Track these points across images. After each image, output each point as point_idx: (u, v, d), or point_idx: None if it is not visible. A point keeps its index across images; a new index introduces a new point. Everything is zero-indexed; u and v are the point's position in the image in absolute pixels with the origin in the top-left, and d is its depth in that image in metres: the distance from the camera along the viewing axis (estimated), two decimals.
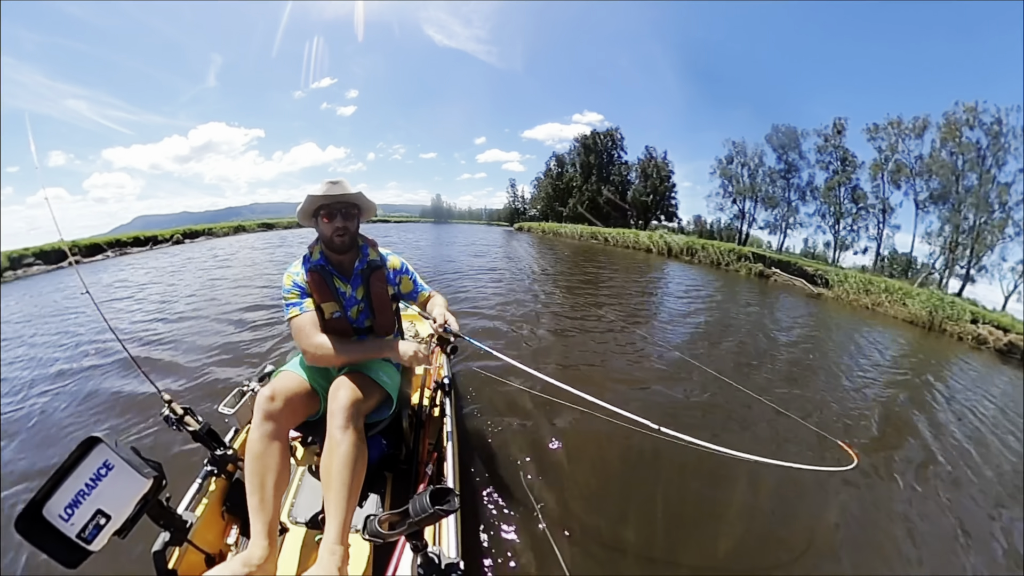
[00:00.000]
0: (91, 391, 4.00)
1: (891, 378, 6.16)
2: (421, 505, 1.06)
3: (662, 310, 9.18)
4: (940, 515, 3.01)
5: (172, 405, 1.59)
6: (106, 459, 1.16)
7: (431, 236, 28.07)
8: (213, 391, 3.81)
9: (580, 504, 2.62)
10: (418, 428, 2.05)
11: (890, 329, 10.98)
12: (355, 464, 1.43)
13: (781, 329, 8.54)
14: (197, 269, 12.25)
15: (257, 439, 1.48)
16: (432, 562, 1.26)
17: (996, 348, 10.71)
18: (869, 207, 25.76)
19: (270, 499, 1.42)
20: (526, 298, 8.68)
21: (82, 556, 1.11)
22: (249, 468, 1.45)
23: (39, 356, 5.18)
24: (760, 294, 13.83)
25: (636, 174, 39.12)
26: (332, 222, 1.69)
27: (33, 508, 1.10)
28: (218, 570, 1.25)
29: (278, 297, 1.96)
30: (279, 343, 5.09)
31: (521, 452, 3.04)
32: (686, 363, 5.20)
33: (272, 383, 1.62)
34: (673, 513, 2.66)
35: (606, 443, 3.26)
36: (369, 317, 1.86)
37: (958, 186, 21.50)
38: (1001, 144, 20.19)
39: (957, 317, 11.68)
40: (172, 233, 22.22)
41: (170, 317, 6.62)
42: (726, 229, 32.71)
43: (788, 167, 28.96)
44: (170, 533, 1.31)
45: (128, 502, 1.16)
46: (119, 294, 8.69)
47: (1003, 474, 3.76)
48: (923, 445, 4.02)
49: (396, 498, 1.82)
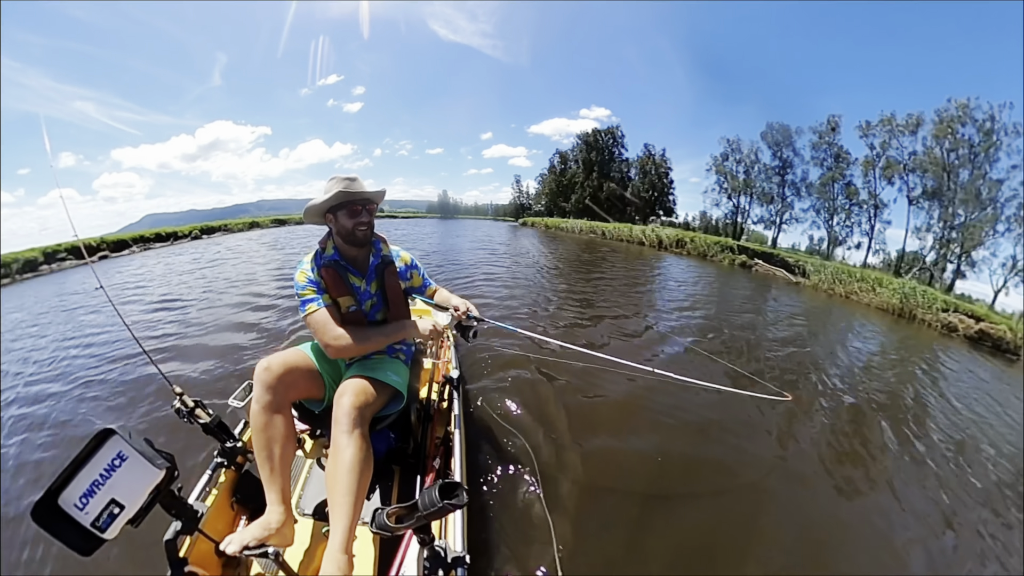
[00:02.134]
0: (106, 383, 3.97)
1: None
2: (430, 499, 1.04)
3: (651, 299, 9.23)
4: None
5: (183, 398, 1.57)
6: (120, 450, 1.13)
7: (440, 231, 28.31)
8: (225, 385, 3.75)
9: (589, 498, 2.54)
10: (426, 422, 2.02)
11: (867, 318, 11.09)
12: (359, 470, 1.37)
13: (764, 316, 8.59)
14: (212, 262, 12.31)
15: (258, 411, 1.46)
16: (439, 555, 1.23)
17: (966, 335, 10.76)
18: (861, 203, 25.54)
19: (279, 467, 1.41)
20: (531, 288, 8.69)
21: (96, 544, 1.09)
22: (256, 441, 1.43)
23: (51, 349, 5.16)
24: (735, 280, 14.39)
25: (636, 171, 38.88)
26: (357, 217, 1.67)
27: (49, 498, 1.08)
28: (239, 534, 1.25)
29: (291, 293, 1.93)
30: (295, 339, 5.00)
31: (527, 444, 2.95)
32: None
33: (271, 355, 1.58)
34: (693, 517, 2.54)
35: (618, 435, 3.20)
36: (382, 310, 1.83)
37: (949, 182, 21.22)
38: (992, 141, 19.90)
39: (928, 305, 11.77)
40: (191, 229, 22.44)
41: (184, 310, 6.57)
42: (730, 225, 32.40)
43: (783, 164, 28.73)
44: (181, 522, 1.29)
45: (141, 492, 1.14)
46: (128, 293, 8.53)
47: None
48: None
49: (403, 491, 1.80)
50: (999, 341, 10.25)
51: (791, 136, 28.12)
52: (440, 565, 1.22)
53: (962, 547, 2.62)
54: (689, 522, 2.51)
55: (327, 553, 1.27)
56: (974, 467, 3.58)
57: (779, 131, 28.54)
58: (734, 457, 3.20)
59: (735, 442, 3.39)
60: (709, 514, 2.60)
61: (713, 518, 2.56)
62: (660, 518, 2.51)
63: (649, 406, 3.69)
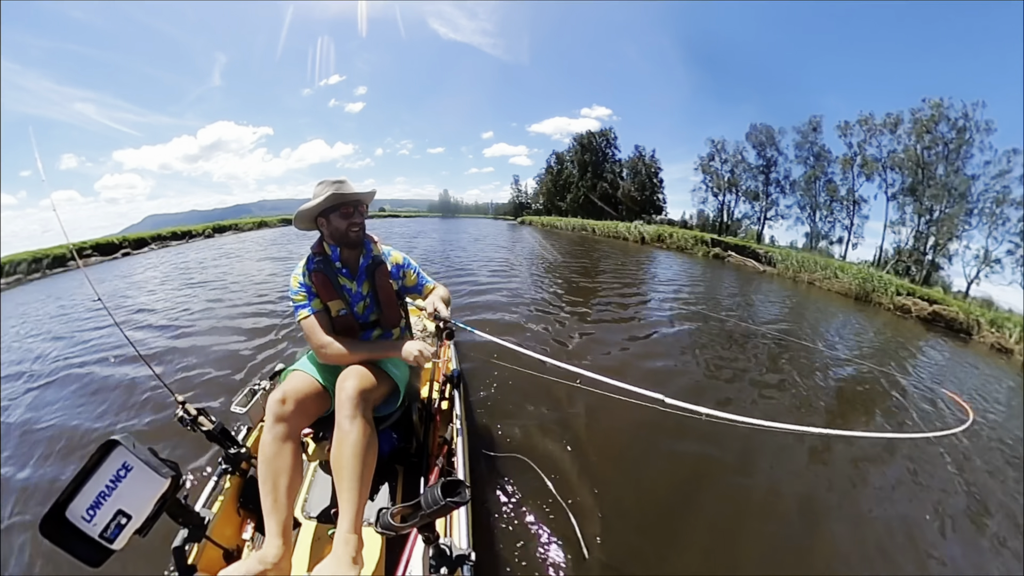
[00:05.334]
0: (105, 391, 3.70)
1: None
2: (433, 497, 1.00)
3: (638, 287, 9.23)
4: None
5: (186, 406, 1.50)
6: (125, 461, 1.08)
7: (441, 229, 28.53)
8: (227, 390, 3.53)
9: (592, 491, 2.45)
10: (428, 421, 1.95)
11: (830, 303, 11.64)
12: (365, 453, 1.33)
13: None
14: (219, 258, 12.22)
15: (269, 441, 1.40)
16: (444, 553, 1.18)
17: (919, 317, 11.17)
18: (841, 199, 25.49)
19: (283, 500, 1.34)
20: (526, 281, 8.68)
21: (105, 555, 1.04)
22: (262, 470, 1.37)
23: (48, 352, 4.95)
24: (713, 270, 15.04)
25: (628, 171, 38.69)
26: (350, 218, 1.62)
27: (56, 510, 1.03)
28: (234, 568, 1.19)
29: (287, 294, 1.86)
30: (292, 345, 4.64)
31: (530, 441, 2.87)
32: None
33: (283, 385, 1.53)
34: (692, 501, 2.48)
35: (617, 426, 3.09)
36: (375, 311, 1.76)
37: (923, 178, 21.17)
38: (964, 139, 19.82)
39: (884, 290, 12.20)
40: (204, 228, 22.99)
41: (185, 314, 6.20)
42: (726, 222, 32.12)
43: (767, 162, 28.63)
44: (188, 530, 1.24)
45: (147, 502, 1.09)
46: (130, 293, 8.19)
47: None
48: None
49: (407, 491, 1.74)
50: (952, 322, 10.66)
51: (774, 136, 28.07)
52: (445, 563, 1.17)
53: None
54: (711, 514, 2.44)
55: (337, 534, 1.24)
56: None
57: (762, 131, 28.50)
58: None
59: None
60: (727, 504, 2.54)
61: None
62: (676, 506, 2.46)
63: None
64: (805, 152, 26.72)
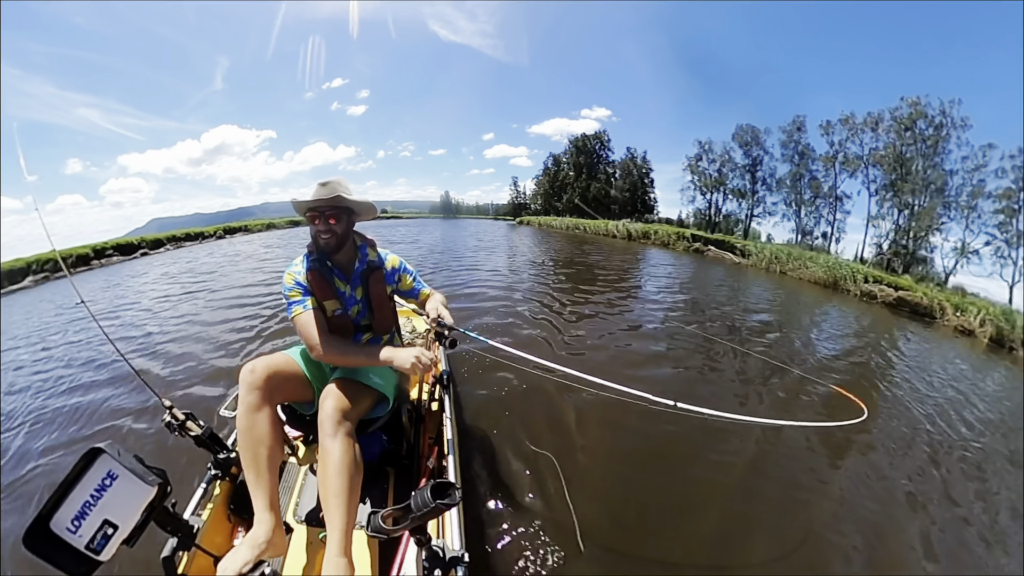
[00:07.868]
0: (91, 399, 3.44)
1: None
2: (423, 500, 0.98)
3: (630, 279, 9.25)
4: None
5: (173, 411, 1.42)
6: (110, 469, 1.01)
7: (441, 229, 28.65)
8: (216, 396, 3.31)
9: (583, 490, 2.36)
10: (418, 423, 1.86)
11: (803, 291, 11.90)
12: (348, 472, 1.25)
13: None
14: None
15: (243, 413, 1.32)
16: (437, 555, 1.13)
17: (884, 302, 11.33)
18: (824, 196, 25.41)
19: (265, 471, 1.26)
20: (523, 280, 8.60)
21: (92, 567, 0.97)
22: (242, 442, 1.29)
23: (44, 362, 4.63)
24: (697, 263, 15.42)
25: (621, 172, 38.53)
26: (317, 224, 1.50)
27: (40, 523, 0.96)
28: (228, 559, 1.11)
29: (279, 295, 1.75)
30: (283, 349, 4.42)
31: (522, 440, 2.74)
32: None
33: (257, 359, 1.44)
34: (685, 501, 2.39)
35: (608, 426, 2.98)
36: (367, 316, 1.68)
37: (903, 174, 21.10)
38: (941, 135, 19.75)
39: (851, 278, 12.41)
40: (215, 230, 23.38)
41: (175, 319, 5.85)
42: (724, 220, 31.94)
43: (754, 161, 28.51)
44: (177, 538, 1.17)
45: (135, 510, 1.02)
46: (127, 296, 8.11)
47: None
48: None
49: (399, 493, 1.66)
50: (916, 307, 10.79)
51: (760, 136, 27.97)
52: (439, 565, 1.11)
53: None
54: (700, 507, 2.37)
55: (326, 558, 1.16)
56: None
57: (748, 131, 28.41)
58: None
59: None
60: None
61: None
62: (670, 506, 2.36)
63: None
64: (790, 151, 26.65)
